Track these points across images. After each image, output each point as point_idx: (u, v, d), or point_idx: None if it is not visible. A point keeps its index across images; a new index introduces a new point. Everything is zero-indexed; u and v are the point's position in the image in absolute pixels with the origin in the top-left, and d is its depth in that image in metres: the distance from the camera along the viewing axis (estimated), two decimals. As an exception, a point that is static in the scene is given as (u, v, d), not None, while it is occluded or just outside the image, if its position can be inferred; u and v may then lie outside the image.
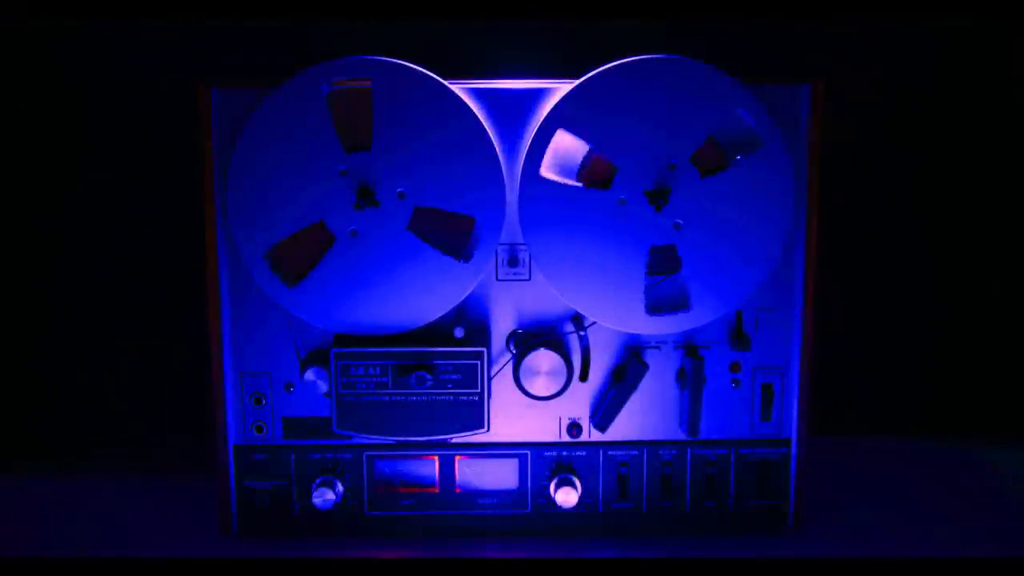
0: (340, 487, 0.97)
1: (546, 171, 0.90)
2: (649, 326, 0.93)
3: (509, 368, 0.95)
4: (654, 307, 0.92)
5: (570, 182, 0.90)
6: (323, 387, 0.94)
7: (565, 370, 0.93)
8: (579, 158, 0.90)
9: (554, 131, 0.89)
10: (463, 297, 0.92)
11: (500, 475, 0.99)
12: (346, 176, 0.89)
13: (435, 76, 0.89)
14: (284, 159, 0.89)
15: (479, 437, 0.94)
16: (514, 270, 0.95)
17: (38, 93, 1.22)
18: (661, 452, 0.99)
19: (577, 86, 0.89)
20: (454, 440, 0.95)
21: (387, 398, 0.92)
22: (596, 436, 0.98)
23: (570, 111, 0.89)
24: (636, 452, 0.98)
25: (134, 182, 1.24)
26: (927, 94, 1.25)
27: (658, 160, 0.90)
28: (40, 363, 1.28)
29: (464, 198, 0.90)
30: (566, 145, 0.90)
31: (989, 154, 1.27)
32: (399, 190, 0.90)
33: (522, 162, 0.90)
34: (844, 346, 1.29)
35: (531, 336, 0.95)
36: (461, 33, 1.18)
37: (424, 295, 0.92)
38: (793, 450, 0.99)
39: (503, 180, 0.90)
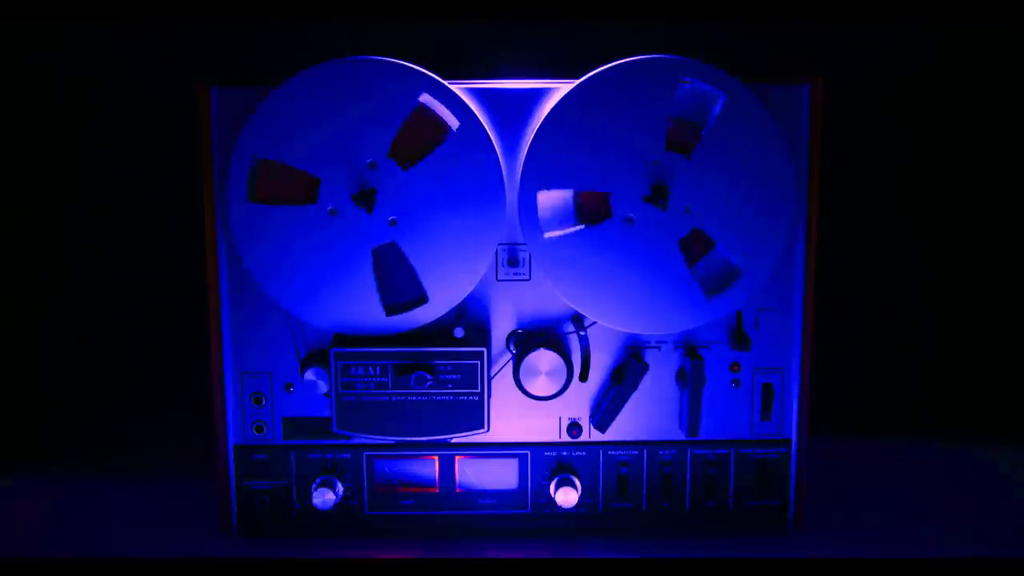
0: (340, 487, 0.97)
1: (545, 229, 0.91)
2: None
3: (509, 368, 0.95)
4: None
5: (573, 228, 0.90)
6: (323, 387, 0.94)
7: (565, 370, 0.93)
8: (567, 201, 0.91)
9: (554, 131, 0.89)
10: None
11: (500, 475, 0.99)
12: (353, 171, 0.90)
13: (435, 76, 0.89)
14: (284, 159, 0.89)
15: (479, 437, 0.94)
16: (514, 270, 0.95)
17: (37, 93, 1.22)
18: (661, 452, 0.98)
19: (577, 86, 0.89)
20: (454, 440, 0.95)
21: (387, 398, 0.92)
22: (596, 436, 0.98)
23: (570, 111, 0.89)
24: (636, 452, 0.98)
25: (134, 182, 1.24)
26: (926, 94, 1.25)
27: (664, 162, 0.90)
28: (40, 363, 1.28)
29: (465, 198, 0.90)
30: (554, 201, 0.91)
31: (989, 154, 1.27)
32: (390, 217, 0.90)
33: (522, 162, 0.90)
34: (844, 346, 1.29)
35: (531, 336, 0.95)
36: (461, 33, 1.18)
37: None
38: (793, 450, 0.99)
39: (503, 180, 0.90)
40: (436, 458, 0.98)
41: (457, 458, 0.98)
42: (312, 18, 1.16)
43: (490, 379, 0.93)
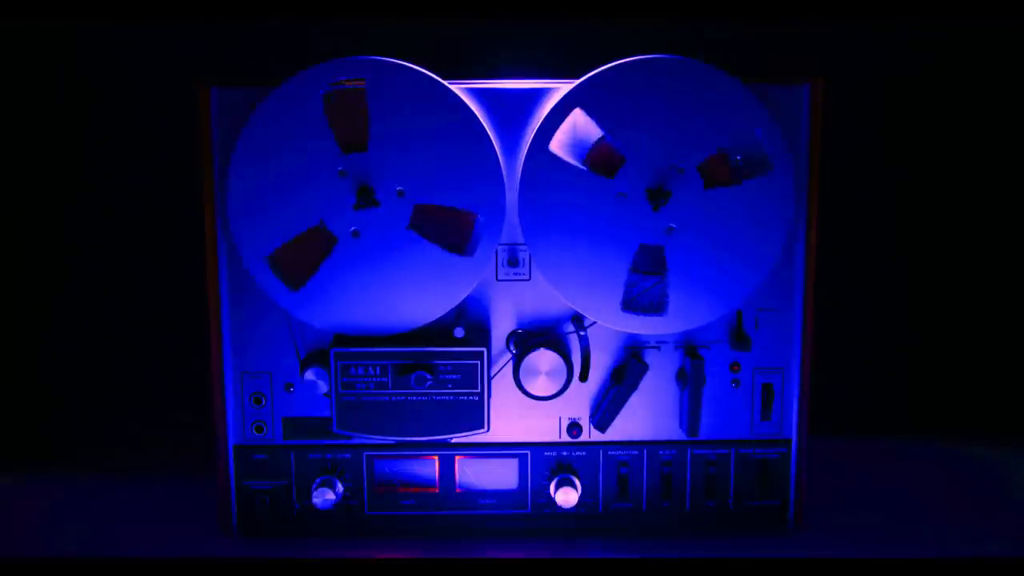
0: (340, 487, 0.97)
1: (555, 146, 0.89)
2: (624, 323, 0.92)
3: (509, 368, 0.95)
4: (629, 304, 0.92)
5: (575, 163, 0.90)
6: (323, 387, 0.94)
7: (565, 370, 0.93)
8: (591, 140, 0.90)
9: (554, 132, 0.89)
10: (466, 294, 0.92)
11: (500, 475, 0.99)
12: (345, 177, 0.89)
13: (435, 76, 0.89)
14: (284, 159, 0.89)
15: (479, 437, 0.94)
16: (514, 270, 0.95)
17: (37, 94, 1.22)
18: (661, 452, 0.99)
19: (577, 86, 0.89)
20: (454, 440, 0.95)
21: (387, 398, 0.92)
22: (596, 436, 0.98)
23: (570, 111, 0.89)
24: (636, 452, 0.98)
25: (134, 182, 1.24)
26: (926, 94, 1.25)
27: (661, 160, 0.89)
28: (40, 363, 1.28)
29: (464, 199, 0.90)
30: (581, 125, 0.90)
31: (989, 154, 1.27)
32: (398, 188, 0.90)
33: (522, 162, 0.90)
34: (844, 346, 1.29)
35: (531, 336, 0.95)
36: (461, 33, 1.18)
37: (427, 294, 0.91)
38: (793, 450, 0.99)
39: (503, 180, 0.90)
40: (436, 458, 0.98)
41: (457, 458, 0.98)
42: (312, 18, 1.16)
43: (490, 379, 0.93)
